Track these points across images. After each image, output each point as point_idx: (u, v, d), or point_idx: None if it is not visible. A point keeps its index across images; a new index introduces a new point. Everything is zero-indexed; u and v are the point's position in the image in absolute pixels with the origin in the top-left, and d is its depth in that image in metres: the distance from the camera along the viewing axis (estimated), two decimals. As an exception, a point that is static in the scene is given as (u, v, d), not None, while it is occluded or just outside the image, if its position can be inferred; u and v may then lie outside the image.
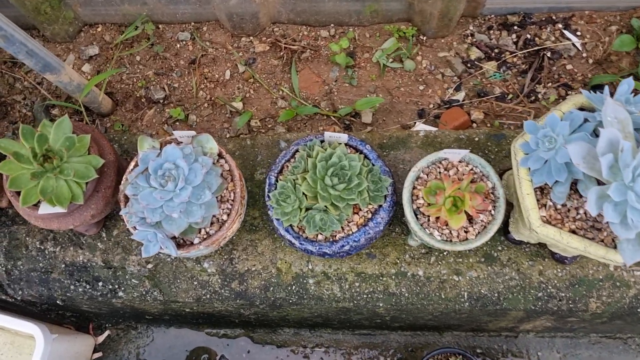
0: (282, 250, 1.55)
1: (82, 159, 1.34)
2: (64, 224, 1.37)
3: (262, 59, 1.98)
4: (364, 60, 1.95)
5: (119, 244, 1.58)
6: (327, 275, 1.53)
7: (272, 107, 1.93)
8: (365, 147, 1.40)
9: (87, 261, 1.58)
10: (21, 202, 1.27)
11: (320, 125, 1.89)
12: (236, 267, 1.55)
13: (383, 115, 1.89)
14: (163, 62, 2.00)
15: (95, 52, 2.00)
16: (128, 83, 1.98)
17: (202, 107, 1.95)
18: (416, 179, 1.36)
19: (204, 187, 1.27)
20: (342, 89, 1.93)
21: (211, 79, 1.97)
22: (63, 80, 1.66)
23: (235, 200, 1.34)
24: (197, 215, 1.26)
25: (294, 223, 1.33)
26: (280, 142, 1.63)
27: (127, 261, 1.57)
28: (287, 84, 1.95)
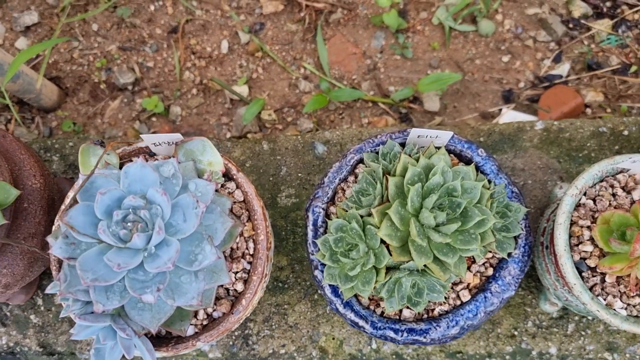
0: (327, 320, 0.96)
1: (-21, 189, 0.74)
2: (-45, 305, 0.77)
3: (274, 24, 1.38)
4: (420, 22, 1.35)
5: (65, 318, 0.98)
6: (401, 358, 0.95)
7: (291, 91, 1.33)
8: (476, 152, 0.81)
9: (14, 344, 0.98)
10: None
11: (363, 115, 1.30)
12: (254, 349, 0.96)
13: (453, 100, 1.30)
14: (131, 31, 1.39)
15: (34, 20, 1.39)
16: (81, 63, 1.37)
17: (188, 94, 1.34)
18: (575, 208, 0.78)
19: (201, 239, 0.68)
20: (391, 64, 1.34)
21: (201, 54, 1.36)
22: (-30, 57, 1.05)
23: (258, 255, 0.75)
24: (191, 293, 0.67)
25: (363, 293, 0.74)
26: (317, 145, 1.04)
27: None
28: (311, 58, 1.35)
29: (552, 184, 1.00)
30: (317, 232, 0.79)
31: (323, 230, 0.80)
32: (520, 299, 0.96)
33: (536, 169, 1.00)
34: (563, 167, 1.00)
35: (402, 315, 0.79)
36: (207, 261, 0.67)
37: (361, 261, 0.73)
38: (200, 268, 0.68)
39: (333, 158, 1.03)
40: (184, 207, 0.67)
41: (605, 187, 0.78)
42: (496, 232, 0.76)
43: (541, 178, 1.00)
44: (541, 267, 0.86)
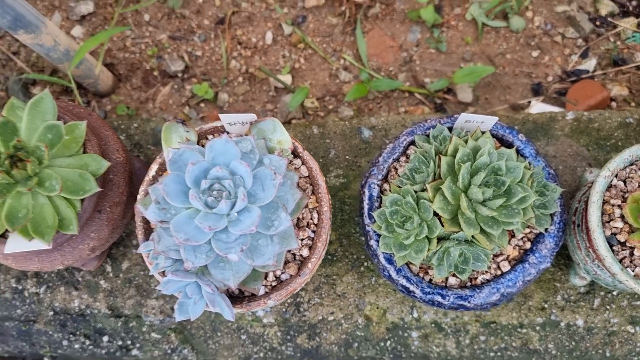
0: (372, 290, 1.05)
1: (73, 161, 0.83)
2: (49, 264, 0.87)
3: (315, 17, 1.46)
4: (454, 17, 1.43)
5: (132, 283, 1.07)
6: (440, 327, 1.04)
7: (332, 81, 1.42)
8: (517, 137, 0.90)
9: (85, 307, 1.08)
10: (-26, 235, 0.76)
11: (400, 104, 1.38)
12: (305, 315, 1.05)
13: (485, 92, 1.38)
14: (181, 22, 1.48)
15: (90, 10, 1.48)
16: (134, 51, 1.46)
17: (235, 82, 1.43)
18: (607, 189, 0.86)
19: (277, 207, 0.77)
20: (426, 57, 1.42)
21: (247, 45, 1.45)
22: (44, 43, 1.14)
23: (322, 224, 0.83)
24: (267, 254, 0.76)
25: (415, 260, 0.82)
26: (363, 130, 1.12)
27: (144, 307, 1.07)
28: (350, 50, 1.43)
29: (581, 169, 1.08)
30: (372, 206, 0.88)
31: (378, 205, 0.88)
32: (550, 274, 1.04)
33: (567, 156, 1.08)
34: (592, 155, 1.08)
35: (448, 282, 0.88)
36: (282, 227, 0.76)
37: (415, 231, 0.82)
38: (276, 233, 0.77)
39: (378, 142, 1.11)
40: (262, 179, 0.76)
41: (635, 170, 0.86)
42: (535, 209, 0.84)
43: (571, 164, 1.08)
44: (572, 244, 0.94)
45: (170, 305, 1.06)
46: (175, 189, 0.74)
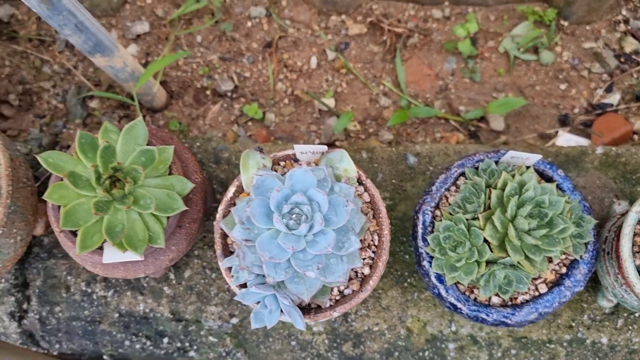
0: (414, 305, 1.15)
1: (161, 181, 0.93)
2: (133, 272, 0.96)
3: (357, 44, 1.56)
4: (487, 50, 1.53)
5: (193, 290, 1.17)
6: (475, 340, 1.14)
7: (372, 105, 1.52)
8: (556, 172, 0.99)
9: (149, 311, 1.17)
10: (79, 246, 0.86)
11: (436, 130, 1.48)
12: (352, 325, 1.15)
13: (515, 121, 1.48)
14: (231, 44, 1.58)
15: (145, 30, 1.58)
16: (186, 70, 1.56)
17: (281, 103, 1.53)
18: (637, 222, 0.96)
19: (347, 231, 0.87)
20: (461, 85, 1.52)
21: (292, 68, 1.55)
22: (115, 65, 1.24)
23: (382, 246, 0.93)
24: (338, 272, 0.86)
25: (463, 281, 0.92)
26: (408, 157, 1.22)
27: (204, 313, 1.16)
28: (389, 77, 1.53)
29: (608, 200, 1.17)
30: (425, 230, 0.98)
31: (430, 230, 0.98)
32: (578, 296, 1.14)
33: (595, 187, 1.18)
34: (618, 187, 1.18)
35: (491, 301, 0.97)
36: (352, 248, 0.86)
37: (465, 255, 0.91)
38: (347, 253, 0.86)
39: (422, 168, 1.21)
40: (335, 205, 0.86)
41: (664, 207, 0.96)
42: (572, 238, 0.94)
43: (599, 195, 1.18)
44: (602, 269, 1.04)
45: (229, 312, 1.16)
46: (260, 212, 0.84)
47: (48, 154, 0.88)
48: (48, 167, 0.87)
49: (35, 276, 1.20)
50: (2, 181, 0.97)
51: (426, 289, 1.15)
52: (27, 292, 1.21)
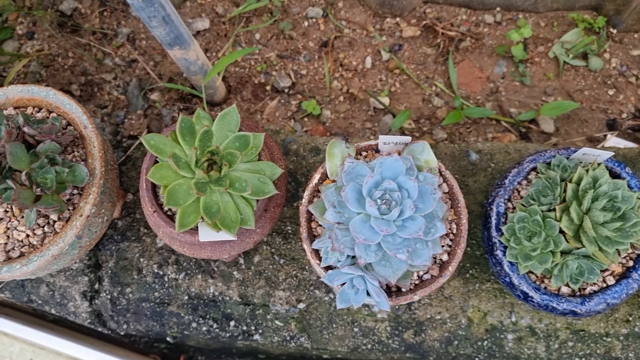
0: (476, 295, 1.19)
1: (251, 166, 0.98)
2: (218, 253, 1.01)
3: (410, 46, 1.61)
4: (537, 54, 1.58)
5: (262, 275, 1.21)
6: (534, 331, 1.18)
7: (425, 105, 1.57)
8: (624, 170, 1.04)
9: (218, 294, 1.22)
10: (178, 224, 0.91)
11: (487, 131, 1.52)
12: (415, 313, 1.19)
13: (564, 124, 1.53)
14: (288, 42, 1.63)
15: (205, 27, 1.63)
16: (244, 66, 1.62)
17: (336, 100, 1.58)
18: None
19: (433, 217, 0.91)
20: (511, 88, 1.56)
21: (347, 67, 1.60)
22: (189, 58, 1.30)
23: (460, 234, 0.98)
24: (424, 256, 0.90)
25: (536, 270, 0.96)
26: (470, 153, 1.26)
27: (272, 297, 1.20)
28: (441, 78, 1.58)
29: (664, 200, 1.21)
30: (499, 221, 1.02)
31: (503, 221, 1.02)
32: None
33: (652, 188, 1.22)
34: (674, 188, 1.22)
35: (560, 291, 1.02)
36: (438, 233, 0.90)
37: (540, 245, 0.96)
38: (433, 239, 0.91)
39: (484, 165, 1.26)
40: (423, 193, 0.90)
41: None
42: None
43: (655, 195, 1.22)
44: (663, 265, 1.08)
45: (296, 298, 1.20)
46: (352, 197, 0.89)
47: (150, 137, 0.92)
48: (150, 148, 0.92)
49: (108, 257, 1.25)
50: (97, 162, 1.02)
51: (488, 280, 1.19)
52: (100, 273, 1.25)
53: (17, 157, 0.93)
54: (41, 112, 1.09)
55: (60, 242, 0.98)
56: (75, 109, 1.06)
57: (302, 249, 1.22)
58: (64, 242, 0.98)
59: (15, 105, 1.10)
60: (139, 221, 1.26)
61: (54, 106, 1.08)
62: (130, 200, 1.27)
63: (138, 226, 1.26)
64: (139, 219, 1.26)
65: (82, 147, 1.06)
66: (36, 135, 0.97)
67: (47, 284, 1.26)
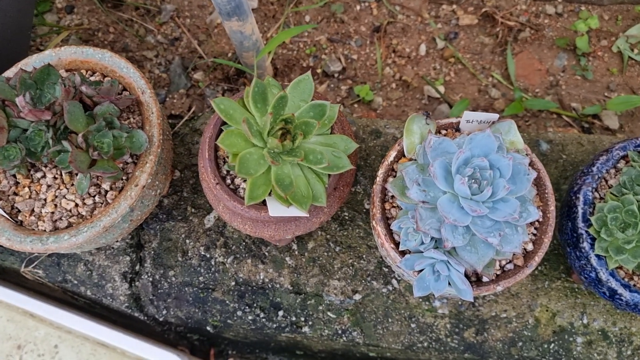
0: (545, 293, 1.11)
1: (324, 139, 0.91)
2: (282, 232, 0.93)
3: (467, 35, 1.54)
4: (600, 49, 1.51)
5: (316, 262, 1.14)
6: (606, 335, 1.10)
7: (481, 96, 1.49)
8: None
9: (268, 281, 1.14)
10: (248, 196, 0.83)
11: (548, 124, 1.45)
12: (479, 310, 1.11)
13: (628, 121, 1.45)
14: (339, 26, 1.56)
15: (254, 6, 1.57)
16: (292, 48, 1.55)
17: (388, 87, 1.51)
18: None
19: (525, 200, 0.84)
20: (572, 82, 1.49)
21: (400, 54, 1.53)
22: (245, 31, 1.23)
23: (547, 222, 0.90)
24: (514, 242, 0.82)
25: (628, 265, 0.89)
26: (541, 143, 1.19)
27: (326, 287, 1.13)
28: (498, 69, 1.51)
29: None
30: (586, 211, 0.94)
31: (590, 211, 0.95)
32: None
33: None
34: None
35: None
36: (530, 218, 0.82)
37: (635, 237, 0.88)
38: (524, 224, 0.83)
39: (555, 156, 1.18)
40: (515, 173, 0.83)
41: None
42: None
43: None
44: None
45: (352, 288, 1.12)
46: (440, 174, 0.81)
47: (220, 100, 0.85)
48: (220, 113, 0.85)
49: (151, 237, 1.18)
50: (155, 130, 0.95)
51: (558, 278, 1.12)
52: (142, 254, 1.18)
53: (75, 117, 0.86)
54: (94, 75, 1.03)
55: (113, 213, 0.91)
56: (132, 73, 0.99)
57: (359, 237, 1.14)
58: (117, 213, 0.91)
59: (67, 68, 1.03)
60: (186, 200, 1.18)
61: (110, 69, 1.01)
62: (177, 178, 1.20)
63: (185, 205, 1.18)
64: (186, 197, 1.19)
65: (138, 113, 0.99)
66: (94, 95, 0.90)
67: (85, 263, 1.18)
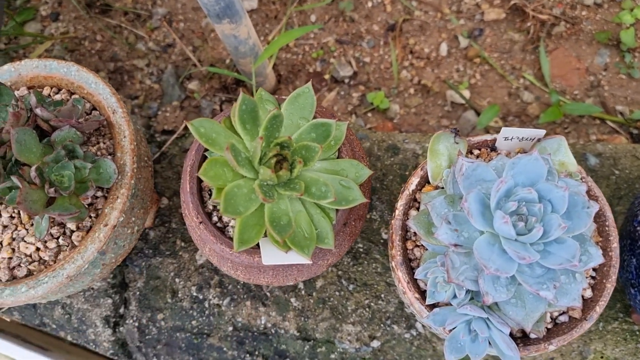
0: (599, 337, 0.93)
1: (329, 165, 0.74)
2: (282, 279, 0.77)
3: (493, 31, 1.36)
4: (647, 43, 1.32)
5: (326, 304, 0.97)
6: (675, 386, 0.91)
7: (512, 100, 1.31)
8: None
9: (271, 326, 0.98)
10: (237, 240, 0.67)
11: (590, 132, 1.26)
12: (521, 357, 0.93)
13: (684, 125, 1.26)
14: (349, 25, 1.39)
15: (253, 7, 1.41)
16: (296, 52, 1.38)
17: (406, 93, 1.34)
18: None
19: (585, 240, 0.66)
20: (616, 82, 1.30)
21: (419, 55, 1.36)
22: (240, 35, 1.07)
23: (610, 263, 0.72)
24: (572, 294, 0.65)
25: None
26: (588, 157, 1.01)
27: (338, 332, 0.96)
28: (530, 70, 1.33)
29: None
30: (656, 245, 0.76)
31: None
32: None
33: None
34: None
35: None
36: (592, 263, 0.65)
37: None
38: (584, 269, 0.66)
39: (606, 171, 1.00)
40: (571, 205, 0.65)
41: None
42: None
43: None
44: None
45: (369, 333, 0.95)
46: (476, 210, 0.64)
47: (199, 122, 0.69)
48: (200, 138, 0.69)
49: (136, 276, 1.02)
50: (127, 157, 0.79)
51: (615, 319, 0.93)
52: (126, 295, 1.03)
53: (26, 147, 0.71)
54: (60, 93, 0.87)
55: (79, 259, 0.75)
56: (102, 89, 0.84)
57: (376, 272, 0.98)
58: (83, 259, 0.75)
59: (29, 85, 0.88)
60: (175, 232, 1.03)
61: (77, 85, 0.85)
62: (165, 206, 1.04)
63: (174, 238, 1.03)
64: (175, 229, 1.03)
65: (109, 137, 0.83)
66: (52, 119, 0.75)
67: (62, 306, 1.03)
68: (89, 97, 0.85)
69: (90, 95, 0.84)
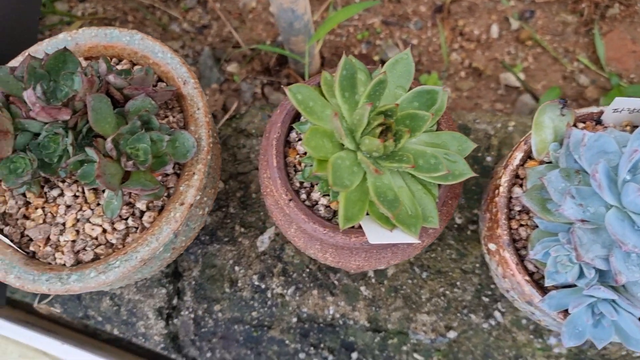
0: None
1: (428, 138, 0.68)
2: (375, 262, 0.71)
3: (545, 13, 1.32)
4: None
5: (398, 292, 0.91)
6: None
7: (567, 84, 1.26)
8: None
9: (339, 316, 0.92)
10: (343, 217, 0.61)
11: (651, 116, 1.22)
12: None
13: None
14: (395, 6, 1.34)
15: (294, -14, 1.34)
16: (340, 34, 1.33)
17: (456, 76, 1.28)
18: None
19: None
20: (673, 66, 1.26)
21: (469, 37, 1.31)
22: (297, 10, 1.01)
23: None
24: None
25: None
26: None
27: (413, 323, 0.90)
28: (584, 52, 1.28)
29: None
30: None
31: None
32: None
33: None
34: None
35: None
36: None
37: None
38: None
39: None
40: None
41: None
42: None
43: None
44: None
45: (445, 323, 0.90)
46: (606, 182, 0.59)
47: (297, 88, 0.63)
48: (298, 105, 0.63)
49: (191, 264, 0.95)
50: (203, 131, 0.73)
51: None
52: (180, 285, 0.96)
53: (102, 116, 0.64)
54: (121, 64, 0.81)
55: (153, 241, 0.69)
56: (170, 58, 0.77)
57: (451, 259, 0.92)
58: (159, 241, 0.69)
59: (86, 55, 0.81)
60: (234, 217, 0.96)
61: (140, 55, 0.79)
62: (221, 190, 0.98)
63: (232, 224, 0.96)
64: (233, 214, 0.97)
65: (178, 110, 0.77)
66: (125, 87, 0.68)
67: (111, 297, 0.96)
68: (155, 67, 0.78)
69: (157, 65, 0.78)
